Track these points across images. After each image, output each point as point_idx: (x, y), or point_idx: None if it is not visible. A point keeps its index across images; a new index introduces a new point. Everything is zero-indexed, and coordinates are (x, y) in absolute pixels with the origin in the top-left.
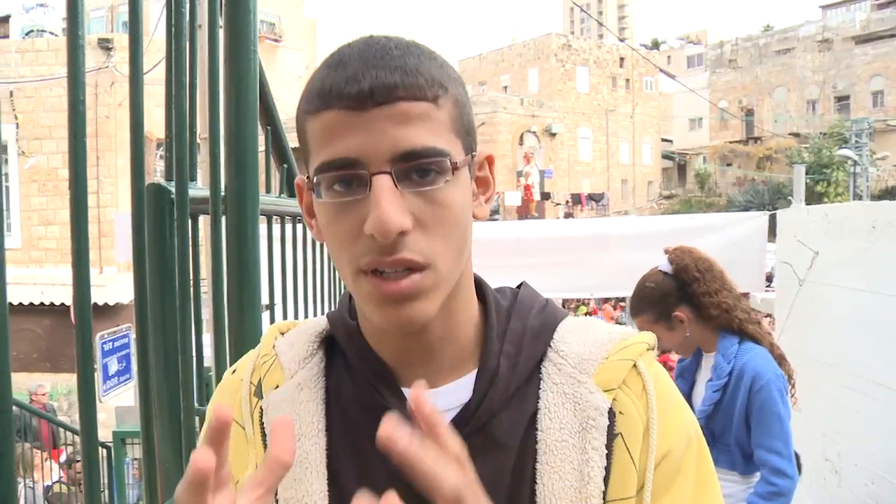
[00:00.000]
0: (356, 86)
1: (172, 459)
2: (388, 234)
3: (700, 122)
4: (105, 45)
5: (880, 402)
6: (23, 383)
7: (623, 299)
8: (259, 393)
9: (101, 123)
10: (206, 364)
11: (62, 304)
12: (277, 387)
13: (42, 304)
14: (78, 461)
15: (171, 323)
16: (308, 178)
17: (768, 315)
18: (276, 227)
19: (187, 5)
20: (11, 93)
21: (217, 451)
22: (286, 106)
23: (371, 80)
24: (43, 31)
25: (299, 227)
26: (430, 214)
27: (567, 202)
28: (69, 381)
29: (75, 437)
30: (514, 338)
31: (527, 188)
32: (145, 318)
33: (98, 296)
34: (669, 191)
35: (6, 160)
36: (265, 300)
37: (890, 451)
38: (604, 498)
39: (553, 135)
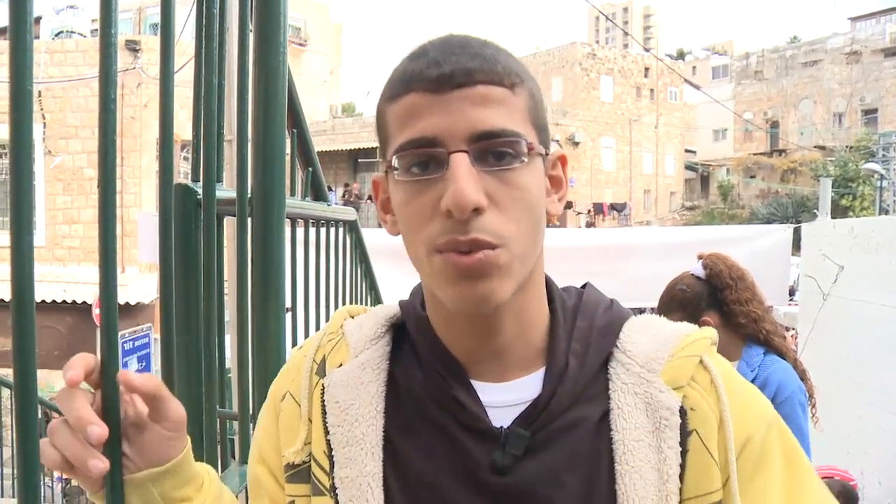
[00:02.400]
0: (437, 69)
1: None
2: (464, 208)
3: (724, 134)
4: (132, 47)
5: None
6: (43, 380)
7: (643, 311)
8: (322, 371)
9: (127, 124)
10: (226, 366)
11: (84, 303)
12: (341, 365)
13: (64, 301)
14: None
15: (195, 324)
16: (386, 163)
17: (790, 329)
18: (300, 231)
19: (217, 7)
20: (40, 93)
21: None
22: (311, 110)
23: (452, 64)
24: (72, 32)
25: (322, 230)
26: (505, 195)
27: (589, 211)
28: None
29: None
30: (582, 336)
31: None
32: (171, 319)
33: (119, 295)
34: (692, 202)
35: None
36: (287, 303)
37: None
38: (681, 495)
39: (576, 144)
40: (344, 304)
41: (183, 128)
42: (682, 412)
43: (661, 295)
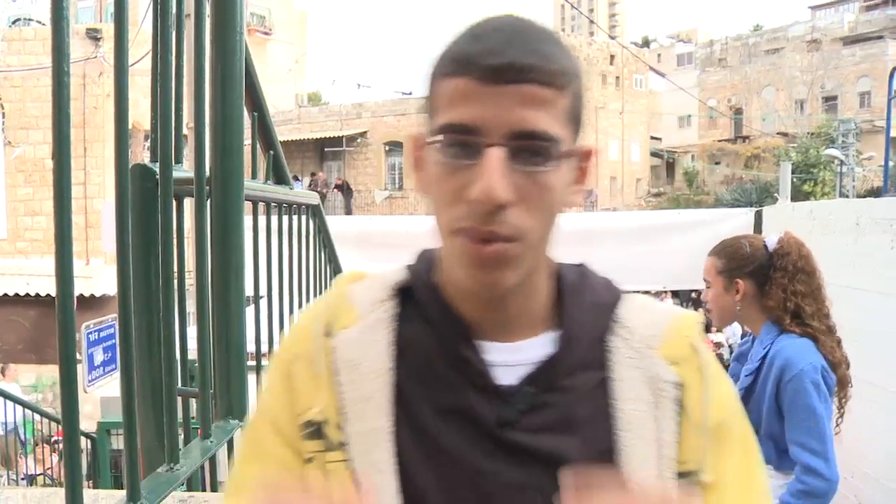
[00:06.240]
0: (494, 59)
1: (155, 441)
2: (492, 202)
3: (689, 121)
4: (94, 36)
5: (868, 400)
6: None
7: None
8: (330, 333)
9: (90, 114)
10: (190, 357)
11: (48, 295)
12: (348, 328)
13: (28, 295)
14: None
15: (154, 302)
16: (429, 133)
17: None
18: (262, 219)
19: None
20: None
21: None
22: (277, 99)
23: (510, 57)
24: (30, 20)
25: (285, 217)
26: (533, 194)
27: None
28: (55, 372)
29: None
30: (587, 308)
31: None
32: (128, 298)
33: (84, 287)
34: (658, 188)
35: None
36: (249, 292)
37: (890, 452)
38: (678, 461)
39: None
40: (308, 289)
41: (145, 117)
42: (678, 387)
43: (723, 238)
